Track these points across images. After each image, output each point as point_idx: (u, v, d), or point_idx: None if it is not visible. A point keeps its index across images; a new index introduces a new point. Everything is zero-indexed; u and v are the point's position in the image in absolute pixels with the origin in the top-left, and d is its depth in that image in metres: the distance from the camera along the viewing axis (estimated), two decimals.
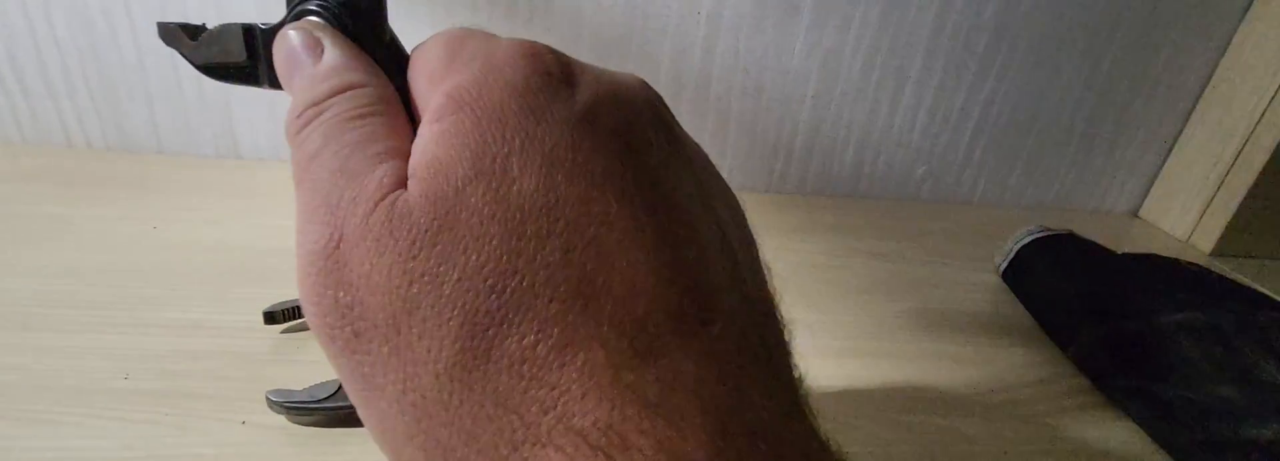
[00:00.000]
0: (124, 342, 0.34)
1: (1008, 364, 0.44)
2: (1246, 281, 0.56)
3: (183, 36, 0.21)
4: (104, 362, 0.33)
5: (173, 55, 0.27)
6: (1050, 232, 0.53)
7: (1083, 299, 0.47)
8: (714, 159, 0.20)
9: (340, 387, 0.30)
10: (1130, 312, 0.44)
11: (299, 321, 0.36)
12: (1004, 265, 0.53)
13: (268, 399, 0.30)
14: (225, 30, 0.20)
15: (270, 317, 0.35)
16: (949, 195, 0.68)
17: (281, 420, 0.30)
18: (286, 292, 0.38)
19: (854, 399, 0.39)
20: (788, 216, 0.61)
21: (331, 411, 0.29)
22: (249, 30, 0.20)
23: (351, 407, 0.16)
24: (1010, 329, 0.47)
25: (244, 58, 0.20)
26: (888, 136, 0.64)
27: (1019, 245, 0.53)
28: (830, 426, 0.16)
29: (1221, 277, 0.50)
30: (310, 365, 0.34)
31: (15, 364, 0.32)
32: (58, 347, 0.33)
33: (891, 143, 0.64)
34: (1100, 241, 0.53)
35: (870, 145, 0.64)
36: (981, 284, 0.53)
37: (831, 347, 0.43)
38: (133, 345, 0.34)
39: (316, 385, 0.30)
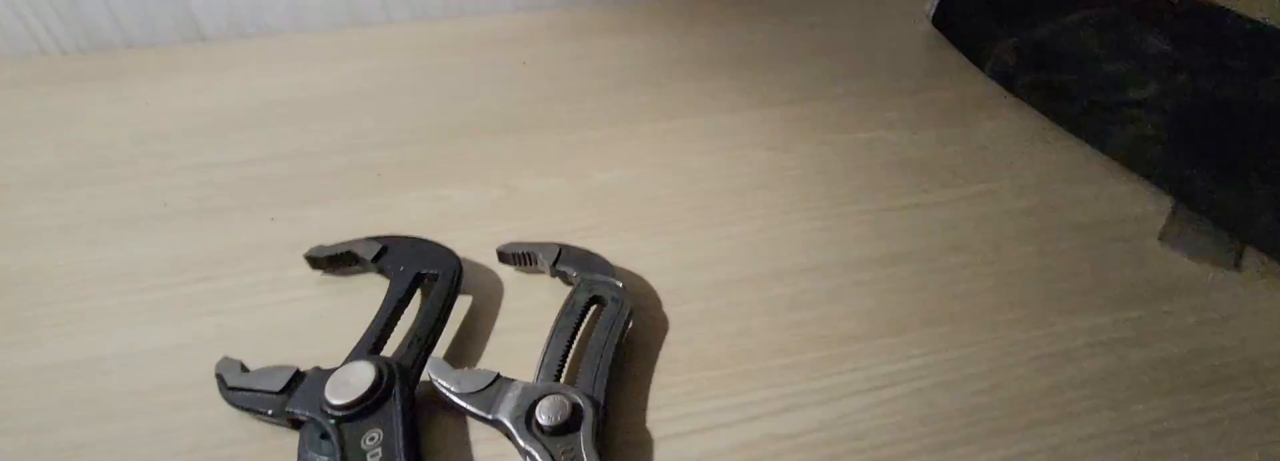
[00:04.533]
0: (159, 183, 0.40)
1: (934, 91, 0.48)
2: None
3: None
4: (146, 197, 0.39)
5: None
6: None
7: (996, 20, 0.50)
8: None
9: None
10: (1036, 22, 0.47)
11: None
12: (932, 11, 0.56)
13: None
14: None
15: (313, 262, 0.33)
16: None
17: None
18: (281, 136, 0.44)
19: (792, 126, 0.44)
20: (726, 5, 0.63)
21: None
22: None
23: None
24: (937, 66, 0.51)
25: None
26: None
27: None
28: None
29: None
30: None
31: (68, 209, 0.38)
32: (100, 194, 0.39)
33: None
34: None
35: None
36: (915, 34, 0.56)
37: (774, 98, 0.47)
38: (167, 184, 0.40)
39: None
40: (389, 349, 0.28)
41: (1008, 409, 0.26)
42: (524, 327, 0.30)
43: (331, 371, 0.26)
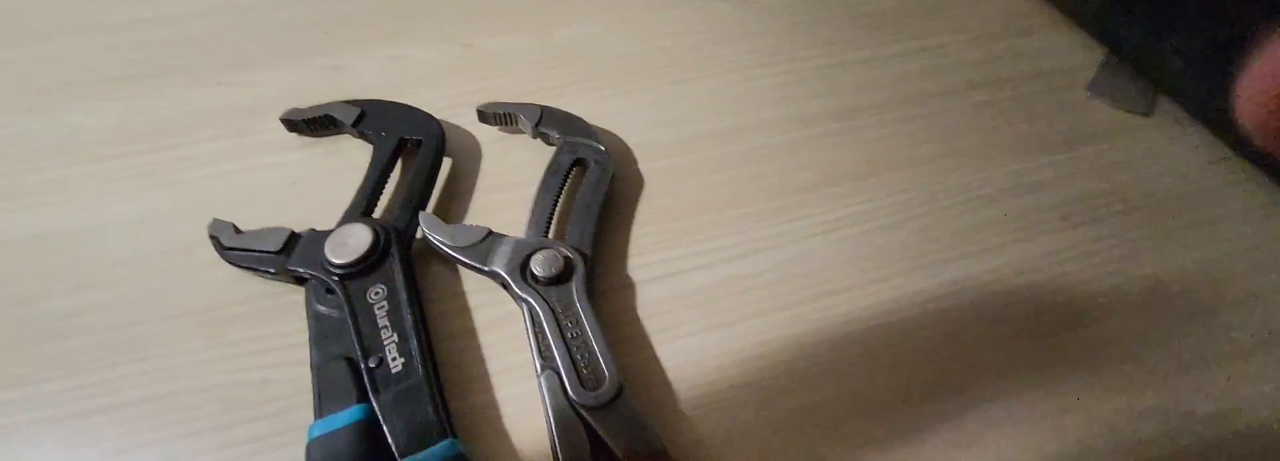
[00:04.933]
0: (82, 43, 0.37)
1: None
2: None
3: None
4: (71, 62, 0.36)
5: None
6: None
7: None
8: None
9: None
10: None
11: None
12: None
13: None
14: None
15: (290, 125, 0.32)
16: None
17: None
18: None
19: None
20: None
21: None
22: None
23: None
24: None
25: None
26: None
27: None
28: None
29: None
30: None
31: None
32: (15, 58, 0.36)
33: None
34: None
35: None
36: None
37: None
38: (93, 44, 0.37)
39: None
40: (378, 212, 0.29)
41: (939, 245, 0.30)
42: (506, 186, 0.31)
43: (326, 233, 0.27)
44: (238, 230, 0.28)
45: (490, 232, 0.28)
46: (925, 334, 0.27)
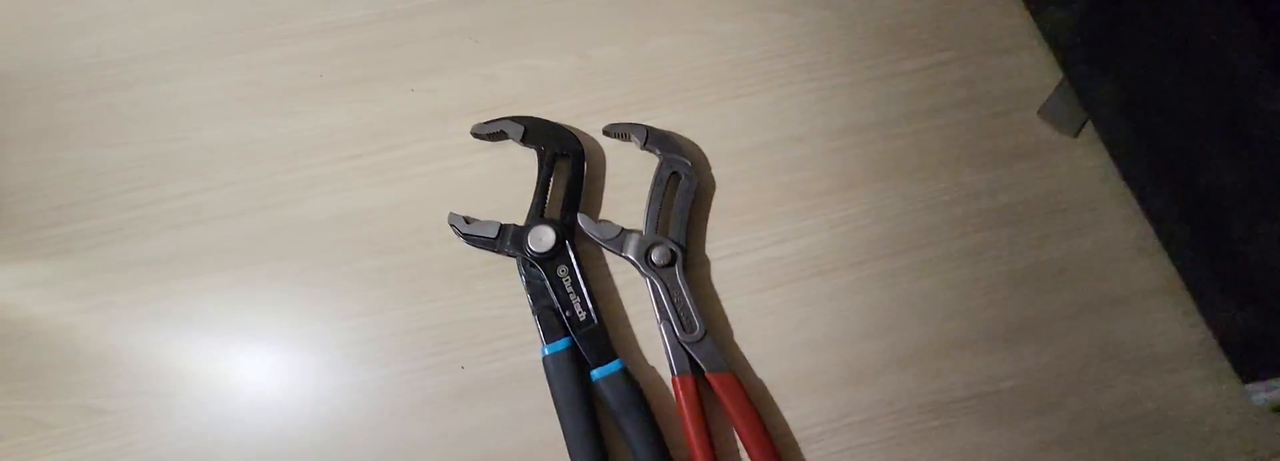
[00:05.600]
0: (300, 49, 0.50)
1: None
2: None
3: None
4: (300, 66, 0.50)
5: None
6: None
7: None
8: None
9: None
10: None
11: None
12: None
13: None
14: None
15: (477, 136, 0.47)
16: None
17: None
18: None
19: None
20: None
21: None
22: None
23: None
24: None
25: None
26: None
27: None
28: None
29: None
30: None
31: (239, 79, 0.49)
32: (257, 62, 0.50)
33: None
34: None
35: None
36: None
37: None
38: (308, 50, 0.50)
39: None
40: (548, 208, 0.46)
41: (909, 236, 0.47)
42: (625, 186, 0.47)
43: (523, 228, 0.44)
44: (467, 220, 0.45)
45: (622, 230, 0.45)
46: (881, 296, 0.46)
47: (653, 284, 0.44)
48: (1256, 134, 0.42)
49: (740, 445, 0.42)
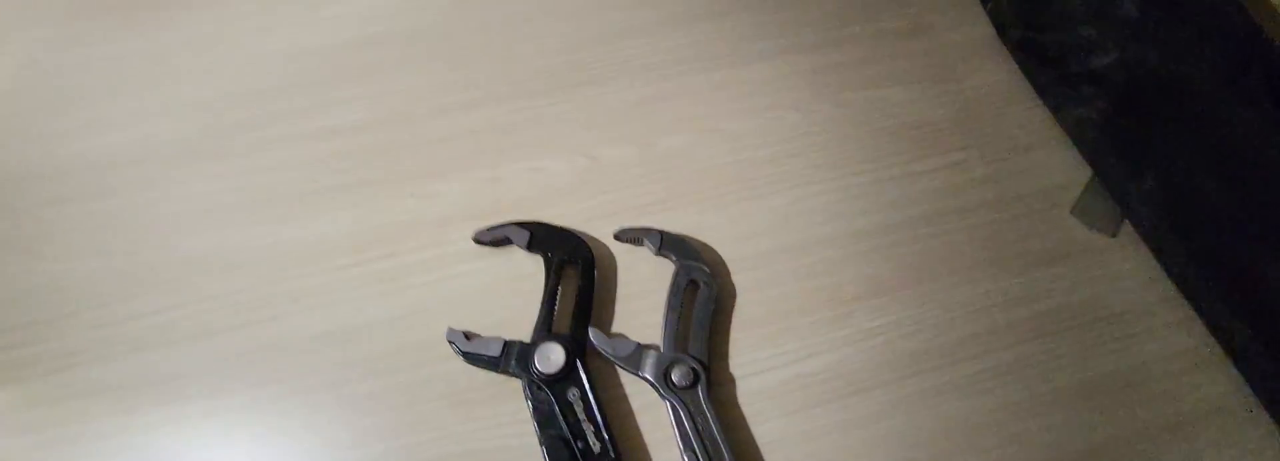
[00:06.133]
0: (297, 153, 0.48)
1: (937, 34, 0.55)
2: None
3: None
4: (297, 171, 0.47)
5: None
6: None
7: None
8: None
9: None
10: None
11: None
12: None
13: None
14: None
15: (479, 242, 0.44)
16: None
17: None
18: (373, 93, 0.50)
19: (815, 81, 0.52)
20: None
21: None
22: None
23: None
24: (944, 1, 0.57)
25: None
26: None
27: None
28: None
29: None
30: None
31: (230, 186, 0.47)
32: (251, 168, 0.47)
33: None
34: None
35: None
36: None
37: (798, 43, 0.54)
38: (305, 155, 0.48)
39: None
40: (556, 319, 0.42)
41: (949, 349, 0.43)
42: (640, 295, 0.44)
43: (530, 345, 0.40)
44: (467, 337, 0.41)
45: (639, 346, 0.41)
46: (926, 418, 0.41)
47: (673, 407, 0.39)
48: None
49: None
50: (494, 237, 0.44)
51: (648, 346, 0.41)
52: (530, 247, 0.44)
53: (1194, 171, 0.45)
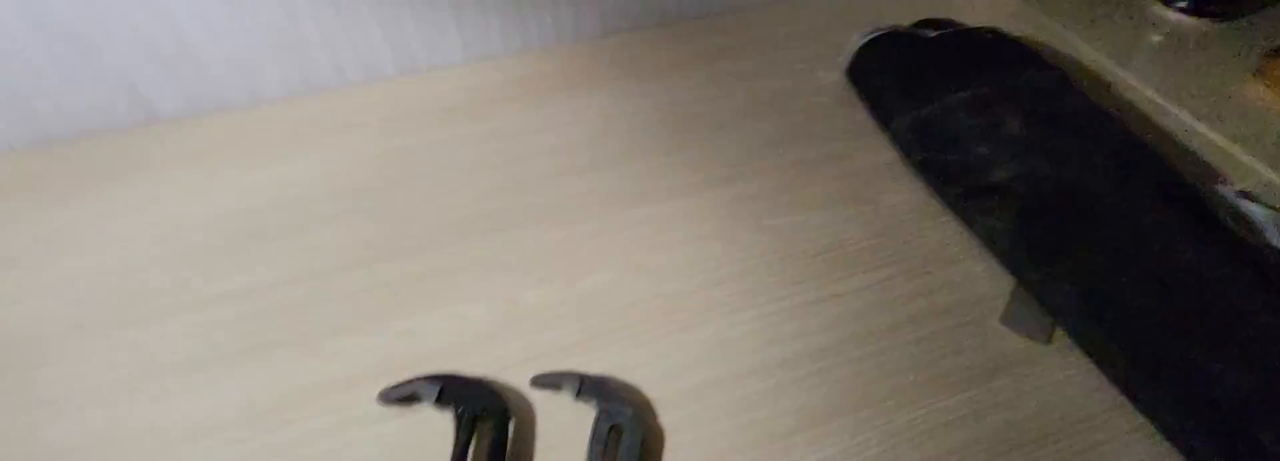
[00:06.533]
0: (197, 318, 0.46)
1: (849, 159, 0.58)
2: (1041, 38, 0.68)
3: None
4: (193, 338, 0.45)
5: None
6: (881, 31, 0.62)
7: (897, 90, 0.59)
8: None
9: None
10: (929, 98, 0.57)
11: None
12: (846, 65, 0.64)
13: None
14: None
15: (384, 401, 0.41)
16: None
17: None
18: (287, 251, 0.49)
19: (736, 211, 0.53)
20: (664, 52, 0.68)
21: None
22: None
23: None
24: (853, 127, 0.60)
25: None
26: None
27: (855, 48, 0.62)
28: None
29: (1012, 44, 0.62)
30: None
31: (122, 359, 0.44)
32: (144, 338, 0.45)
33: None
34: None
35: None
36: (831, 84, 0.64)
37: (717, 175, 0.56)
38: (206, 319, 0.46)
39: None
40: None
41: None
42: (560, 445, 0.40)
43: None
44: None
45: None
46: None
47: None
48: (1245, 332, 0.39)
49: None
50: (401, 394, 0.41)
51: None
52: (439, 402, 0.41)
53: (1107, 274, 0.45)
